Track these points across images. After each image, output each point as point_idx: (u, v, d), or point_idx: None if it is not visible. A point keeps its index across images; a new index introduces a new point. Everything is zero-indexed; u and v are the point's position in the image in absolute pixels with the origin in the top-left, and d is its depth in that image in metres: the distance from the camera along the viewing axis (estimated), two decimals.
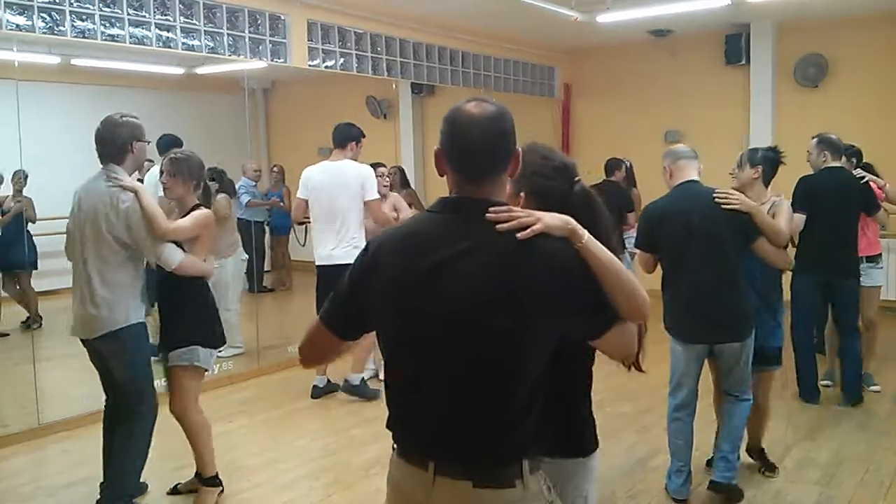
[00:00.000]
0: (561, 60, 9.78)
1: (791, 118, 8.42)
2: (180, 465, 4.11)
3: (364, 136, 5.63)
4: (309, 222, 5.72)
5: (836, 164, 5.06)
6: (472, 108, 1.66)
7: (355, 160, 5.52)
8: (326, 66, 6.78)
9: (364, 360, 5.66)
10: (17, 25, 4.75)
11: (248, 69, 6.86)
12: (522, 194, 1.86)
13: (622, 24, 7.87)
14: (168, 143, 6.00)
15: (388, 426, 1.77)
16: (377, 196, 5.48)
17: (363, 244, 5.57)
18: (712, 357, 3.80)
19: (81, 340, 3.66)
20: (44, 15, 4.84)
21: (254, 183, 8.80)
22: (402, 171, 8.93)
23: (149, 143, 3.65)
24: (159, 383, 3.94)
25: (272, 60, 6.28)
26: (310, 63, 6.61)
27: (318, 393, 5.70)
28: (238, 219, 8.36)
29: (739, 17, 8.18)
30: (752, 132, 8.61)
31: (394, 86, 9.39)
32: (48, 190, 6.48)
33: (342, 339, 1.83)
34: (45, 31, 4.87)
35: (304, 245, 10.51)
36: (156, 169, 6.69)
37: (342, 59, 6.88)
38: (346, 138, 5.50)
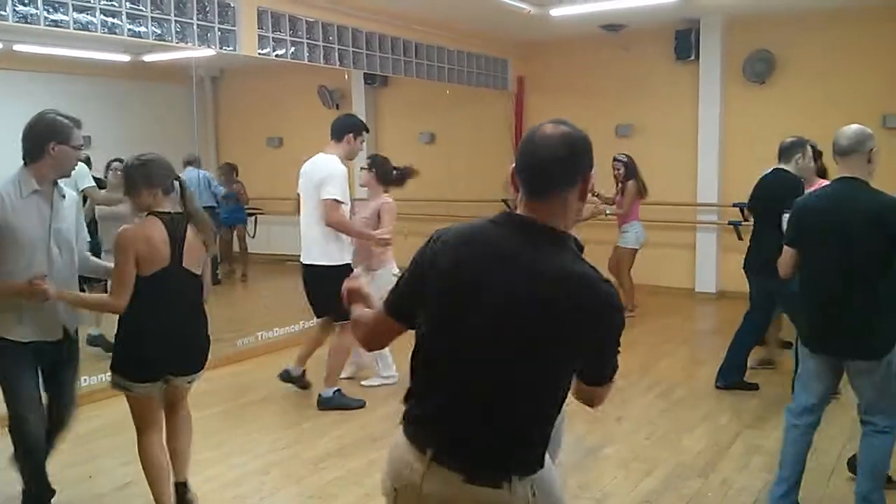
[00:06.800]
0: (514, 53, 9.80)
1: (739, 114, 8.58)
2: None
3: (367, 131, 5.28)
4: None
5: None
6: (547, 128, 1.76)
7: (351, 157, 5.18)
8: (277, 55, 6.67)
9: (336, 374, 5.26)
10: None
11: (196, 57, 6.73)
12: None
13: (575, 19, 7.92)
14: None
15: (404, 400, 1.88)
16: (333, 196, 4.91)
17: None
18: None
19: None
20: None
21: None
22: None
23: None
24: None
25: (221, 48, 6.15)
26: (260, 52, 6.49)
27: (285, 376, 5.46)
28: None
29: (690, 13, 8.30)
30: (700, 127, 8.75)
31: (346, 76, 9.33)
32: None
33: (397, 321, 1.92)
34: None
35: (253, 237, 10.44)
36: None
37: (293, 49, 6.78)
38: (342, 130, 5.09)
